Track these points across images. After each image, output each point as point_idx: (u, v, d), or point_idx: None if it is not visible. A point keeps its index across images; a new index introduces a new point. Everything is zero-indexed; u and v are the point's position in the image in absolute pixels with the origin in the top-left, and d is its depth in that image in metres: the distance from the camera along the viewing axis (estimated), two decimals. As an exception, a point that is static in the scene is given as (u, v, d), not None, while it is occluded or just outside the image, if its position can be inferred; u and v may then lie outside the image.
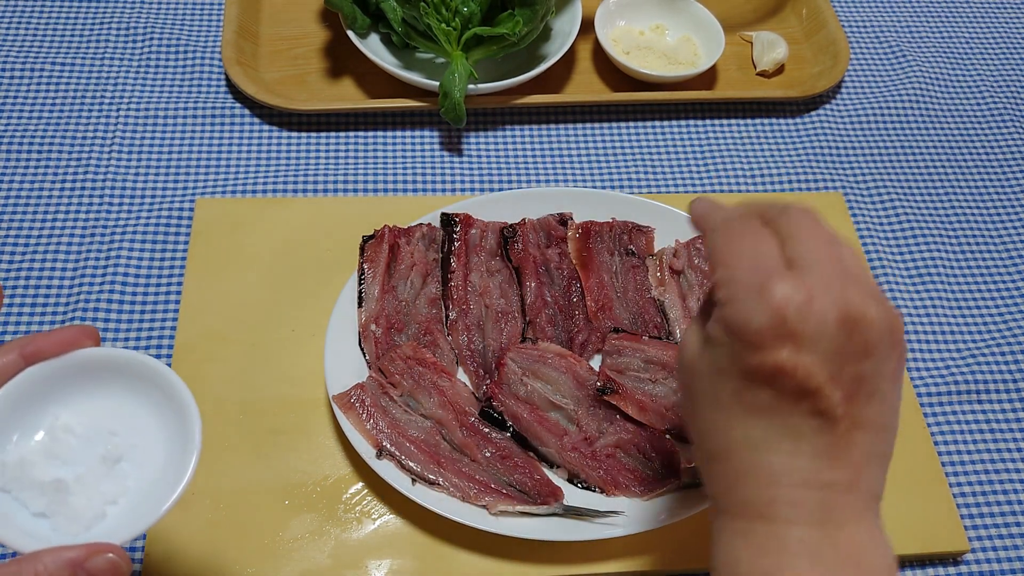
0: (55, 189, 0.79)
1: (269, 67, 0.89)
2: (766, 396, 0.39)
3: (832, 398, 0.39)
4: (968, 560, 0.67)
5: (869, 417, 0.41)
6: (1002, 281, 0.82)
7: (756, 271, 0.40)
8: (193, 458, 0.44)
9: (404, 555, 0.63)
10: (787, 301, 0.38)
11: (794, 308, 0.38)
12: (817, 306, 0.39)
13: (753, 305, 0.39)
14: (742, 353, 0.40)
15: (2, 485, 0.43)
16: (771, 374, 0.39)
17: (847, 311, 0.39)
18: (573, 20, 0.90)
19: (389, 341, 0.69)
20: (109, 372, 0.46)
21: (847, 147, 0.89)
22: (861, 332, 0.39)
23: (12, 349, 0.44)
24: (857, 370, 0.39)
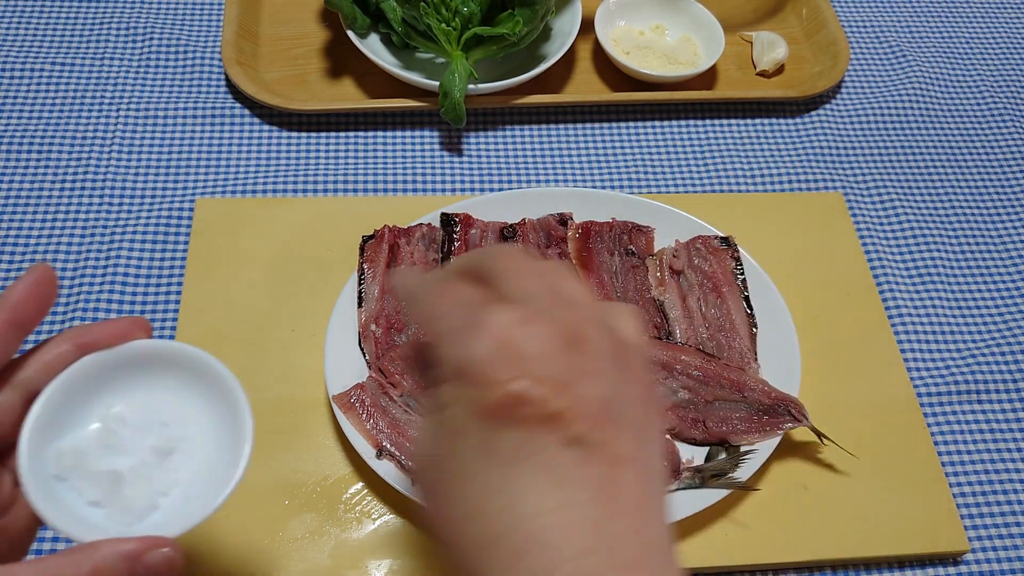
0: (55, 189, 0.79)
1: (269, 67, 0.89)
2: (514, 437, 0.34)
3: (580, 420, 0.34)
4: (968, 560, 0.67)
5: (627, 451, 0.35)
6: (1002, 281, 0.82)
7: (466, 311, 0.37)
8: (246, 452, 0.43)
9: (404, 555, 0.63)
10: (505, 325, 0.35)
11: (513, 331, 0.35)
12: (536, 327, 0.35)
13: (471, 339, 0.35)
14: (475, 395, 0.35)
15: (59, 473, 0.42)
16: (511, 405, 0.34)
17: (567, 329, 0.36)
18: (573, 20, 0.90)
19: (389, 341, 0.69)
20: (161, 364, 0.45)
21: (847, 147, 0.89)
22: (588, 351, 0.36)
23: (67, 339, 0.43)
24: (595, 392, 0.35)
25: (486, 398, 0.35)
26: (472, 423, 0.35)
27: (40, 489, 0.40)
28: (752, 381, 0.68)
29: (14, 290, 0.40)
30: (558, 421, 0.34)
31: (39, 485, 0.40)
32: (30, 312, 0.41)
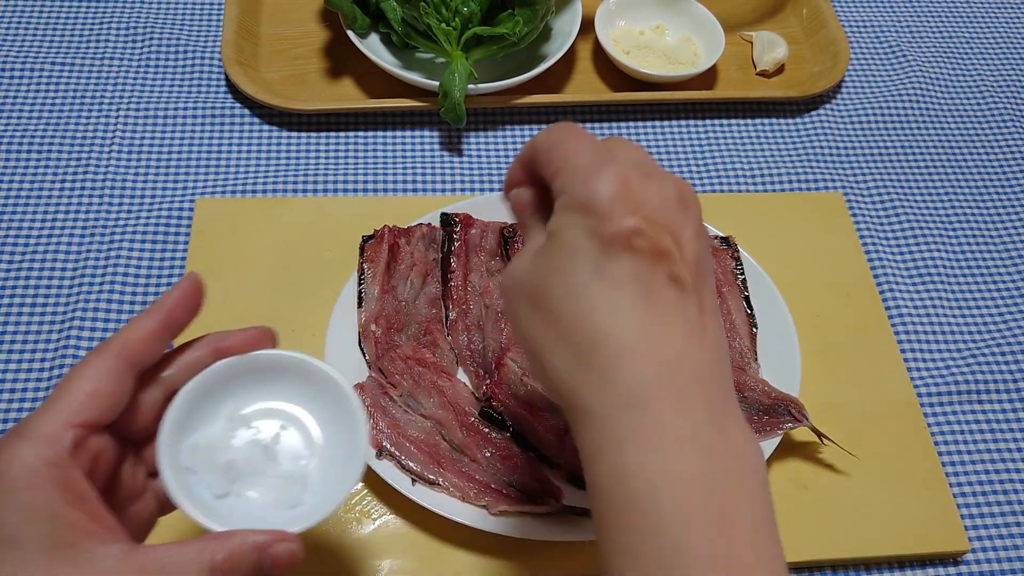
0: (55, 189, 0.79)
1: (269, 67, 0.89)
2: (625, 263, 0.39)
3: (682, 263, 0.40)
4: (968, 560, 0.67)
5: (711, 304, 0.41)
6: (1002, 281, 0.82)
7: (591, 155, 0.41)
8: (359, 465, 0.46)
9: (404, 555, 0.63)
10: (629, 174, 0.40)
11: (636, 180, 0.40)
12: (655, 182, 0.41)
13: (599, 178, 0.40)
14: (597, 225, 0.39)
15: (191, 466, 0.45)
16: (629, 235, 0.39)
17: (680, 189, 0.41)
18: (573, 20, 0.90)
19: (389, 341, 0.69)
20: (284, 372, 0.48)
21: (847, 147, 0.89)
22: (693, 211, 0.42)
23: (208, 344, 0.46)
24: (695, 247, 0.41)
25: (607, 227, 0.39)
26: (590, 246, 0.39)
27: (176, 480, 0.43)
28: (752, 381, 0.68)
29: (169, 296, 0.44)
30: (667, 258, 0.39)
31: (175, 477, 0.43)
32: (180, 317, 0.44)
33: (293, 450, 0.48)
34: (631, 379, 0.38)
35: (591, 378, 0.39)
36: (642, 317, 0.39)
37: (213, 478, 0.45)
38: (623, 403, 0.38)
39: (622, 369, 0.38)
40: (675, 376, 0.38)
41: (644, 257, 0.39)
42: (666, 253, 0.39)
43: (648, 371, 0.38)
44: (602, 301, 0.39)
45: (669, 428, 0.38)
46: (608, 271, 0.39)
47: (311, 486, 0.47)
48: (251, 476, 0.46)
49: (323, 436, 0.48)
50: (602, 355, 0.39)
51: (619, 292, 0.39)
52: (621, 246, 0.39)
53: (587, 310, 0.39)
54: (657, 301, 0.39)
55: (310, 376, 0.48)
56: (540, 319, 0.41)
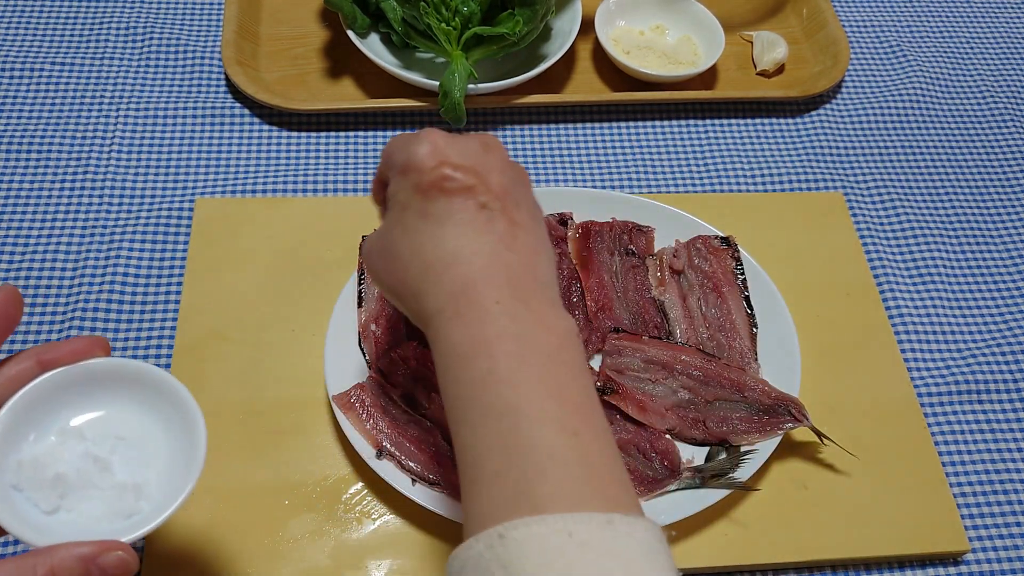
0: (55, 189, 0.79)
1: (269, 67, 0.89)
2: (442, 204, 0.49)
3: (487, 191, 0.50)
4: (968, 560, 0.67)
5: (524, 220, 0.51)
6: (1002, 281, 0.82)
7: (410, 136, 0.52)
8: (196, 471, 0.46)
9: (404, 555, 0.63)
10: (436, 135, 0.51)
11: (443, 140, 0.51)
12: (458, 138, 0.52)
13: (413, 146, 0.51)
14: (415, 179, 0.50)
15: (16, 483, 0.44)
16: (439, 181, 0.49)
17: (483, 138, 0.53)
18: (573, 20, 0.90)
19: (389, 341, 0.69)
20: (119, 381, 0.48)
21: (847, 147, 0.89)
22: (495, 153, 0.52)
23: (30, 356, 0.46)
24: (500, 179, 0.51)
25: (423, 179, 0.50)
26: (413, 199, 0.50)
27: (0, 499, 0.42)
28: (752, 381, 0.68)
29: None
30: (472, 192, 0.50)
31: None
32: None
33: (130, 459, 0.47)
34: (456, 278, 0.48)
35: (428, 289, 0.49)
36: (459, 238, 0.49)
37: (41, 494, 0.44)
38: (450, 295, 0.48)
39: (448, 274, 0.48)
40: (486, 271, 0.48)
41: (455, 194, 0.49)
42: (471, 188, 0.50)
43: (467, 271, 0.48)
44: (429, 233, 0.50)
45: (481, 306, 0.47)
46: (430, 212, 0.50)
47: (149, 494, 0.46)
48: (83, 489, 0.45)
49: (163, 443, 0.48)
50: (434, 271, 0.49)
51: (440, 224, 0.49)
52: (436, 191, 0.50)
53: (420, 243, 0.50)
54: (470, 225, 0.49)
55: (148, 383, 0.48)
56: (390, 262, 0.52)
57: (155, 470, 0.47)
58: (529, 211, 0.52)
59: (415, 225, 0.50)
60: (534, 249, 0.50)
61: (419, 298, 0.50)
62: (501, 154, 0.52)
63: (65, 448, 0.46)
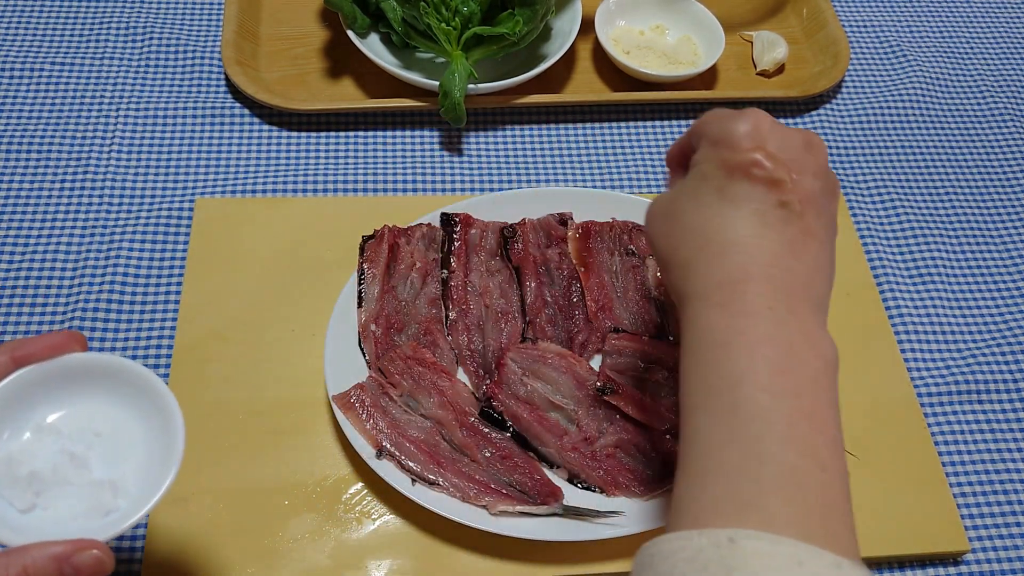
0: (55, 189, 0.79)
1: (269, 67, 0.89)
2: (742, 187, 0.48)
3: (793, 190, 0.48)
4: (968, 560, 0.67)
5: (819, 231, 0.49)
6: (1002, 281, 0.82)
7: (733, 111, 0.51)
8: (174, 466, 0.45)
9: (404, 555, 0.63)
10: (761, 118, 0.50)
11: (767, 124, 0.49)
12: (784, 128, 0.50)
13: (735, 121, 0.50)
14: (725, 155, 0.49)
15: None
16: (748, 165, 0.48)
17: (808, 136, 0.51)
18: (573, 20, 0.90)
19: (389, 341, 0.69)
20: (95, 376, 0.47)
21: (847, 147, 0.89)
22: (816, 153, 0.50)
23: (3, 352, 0.45)
24: (812, 183, 0.49)
25: (732, 157, 0.48)
26: (717, 173, 0.49)
27: None
28: (752, 381, 0.68)
29: None
30: (779, 186, 0.48)
31: None
32: None
33: (107, 455, 0.46)
34: (731, 265, 0.47)
35: (700, 267, 0.48)
36: (749, 226, 0.47)
37: (14, 492, 0.44)
38: (721, 281, 0.47)
39: (725, 257, 0.47)
40: (766, 271, 0.46)
41: (759, 184, 0.48)
42: (778, 183, 0.47)
43: (745, 262, 0.47)
44: (719, 212, 0.48)
45: (752, 303, 0.45)
46: (728, 192, 0.48)
47: (126, 491, 0.46)
48: (59, 486, 0.45)
49: (141, 438, 0.47)
50: (713, 247, 0.48)
51: (734, 207, 0.48)
52: (742, 174, 0.48)
53: (707, 218, 0.49)
54: (764, 219, 0.47)
55: (125, 378, 0.47)
56: (671, 227, 0.51)
57: (133, 466, 0.46)
58: (828, 224, 0.50)
59: (709, 200, 0.49)
60: (819, 265, 0.48)
61: (687, 272, 0.48)
62: (821, 157, 0.50)
63: (40, 445, 0.46)
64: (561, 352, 0.69)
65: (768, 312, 0.45)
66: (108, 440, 0.47)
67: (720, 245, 0.47)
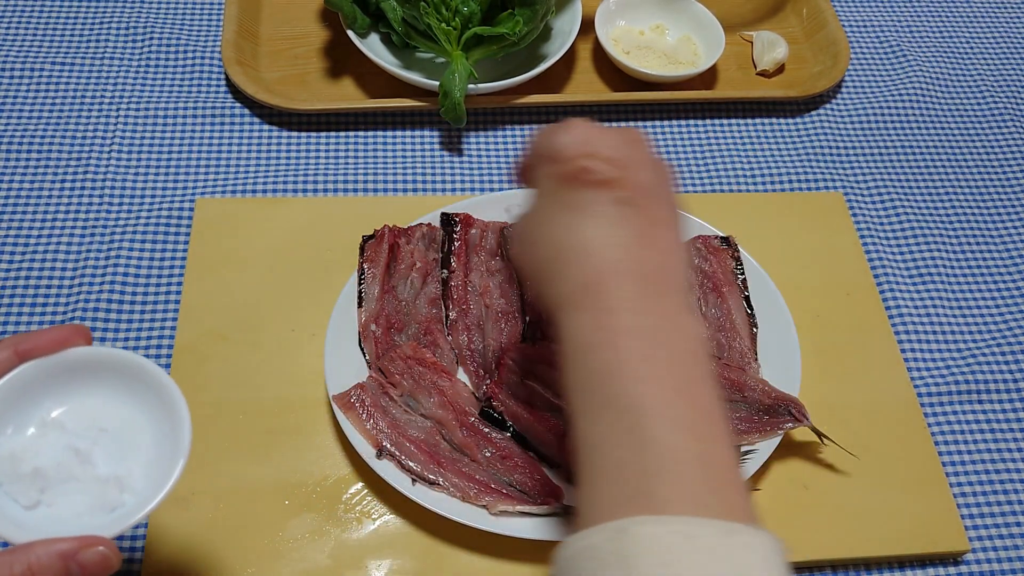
0: (55, 189, 0.79)
1: (269, 67, 0.89)
2: (581, 195, 0.50)
3: (627, 187, 0.49)
4: (968, 560, 0.67)
5: (664, 216, 0.51)
6: (1002, 281, 0.82)
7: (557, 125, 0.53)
8: (180, 461, 0.45)
9: (404, 555, 0.63)
10: (583, 126, 0.52)
11: (587, 129, 0.51)
12: (607, 131, 0.52)
13: (559, 134, 0.52)
14: (558, 169, 0.51)
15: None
16: (579, 172, 0.50)
17: (628, 133, 0.53)
18: (573, 20, 0.90)
19: (389, 341, 0.69)
20: (100, 370, 0.47)
21: (847, 147, 0.89)
22: (640, 149, 0.52)
23: (7, 346, 0.45)
24: (643, 175, 0.50)
25: (564, 169, 0.51)
26: (556, 188, 0.51)
27: None
28: (752, 381, 0.68)
29: None
30: (611, 185, 0.49)
31: None
32: None
33: (113, 450, 0.46)
34: (586, 268, 0.48)
35: (558, 276, 0.50)
36: (595, 228, 0.49)
37: (19, 488, 0.44)
38: (579, 286, 0.48)
39: (579, 262, 0.49)
40: (619, 266, 0.48)
41: (595, 186, 0.50)
42: (612, 181, 0.49)
43: (598, 263, 0.48)
44: (566, 222, 0.50)
45: (610, 300, 0.47)
46: (569, 202, 0.50)
47: (132, 487, 0.45)
48: (64, 482, 0.44)
49: (147, 433, 0.47)
50: (567, 255, 0.49)
51: (578, 214, 0.50)
52: (576, 182, 0.50)
53: (555, 231, 0.51)
54: (607, 218, 0.49)
55: (130, 372, 0.46)
56: (529, 248, 0.53)
57: (139, 461, 0.46)
58: (670, 209, 0.52)
59: (554, 213, 0.51)
60: (670, 248, 0.50)
61: (549, 284, 0.50)
62: (646, 149, 0.52)
63: (44, 441, 0.45)
64: (561, 352, 0.69)
65: (627, 305, 0.47)
66: (114, 435, 0.46)
67: (573, 252, 0.49)
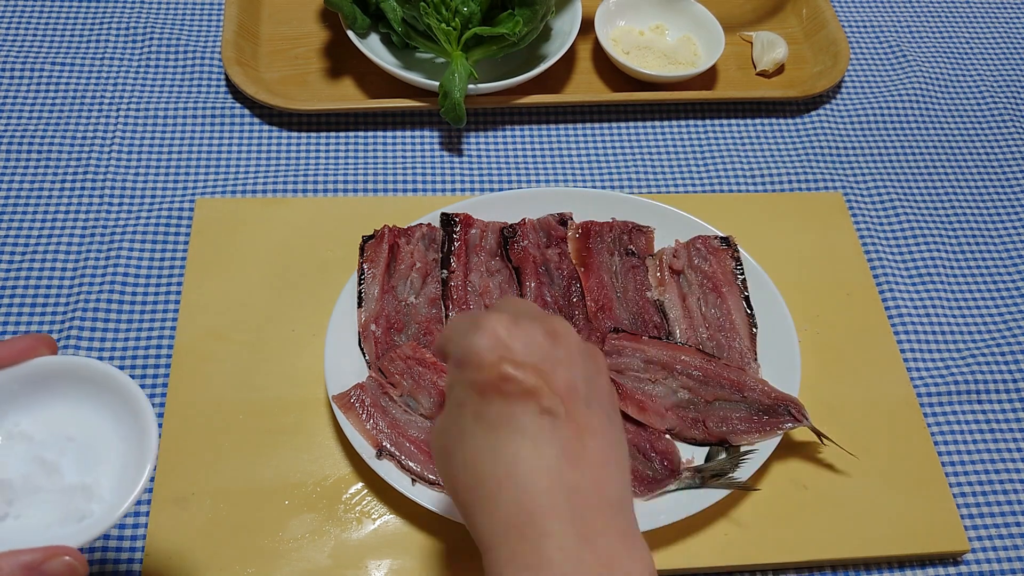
0: (55, 189, 0.79)
1: (269, 67, 0.89)
2: (499, 407, 0.44)
3: (551, 395, 0.44)
4: (968, 560, 0.67)
5: (594, 425, 0.45)
6: (1002, 281, 0.82)
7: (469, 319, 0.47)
8: (147, 468, 0.45)
9: (404, 555, 0.63)
10: (497, 323, 0.45)
11: (503, 328, 0.45)
12: (523, 325, 0.46)
13: (472, 336, 0.45)
14: (472, 376, 0.44)
15: None
16: (497, 382, 0.44)
17: (549, 327, 0.46)
18: (573, 20, 0.90)
19: (389, 341, 0.69)
20: (66, 379, 0.47)
21: (847, 147, 0.89)
22: (564, 344, 0.46)
23: None
24: (568, 376, 0.45)
25: (479, 377, 0.44)
26: (470, 397, 0.45)
27: None
28: (752, 381, 0.68)
29: None
30: (534, 395, 0.44)
31: None
32: None
33: (80, 460, 0.46)
34: (509, 505, 0.43)
35: (482, 510, 0.44)
36: (515, 451, 0.43)
37: None
38: (504, 527, 0.43)
39: (501, 497, 0.43)
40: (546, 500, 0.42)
41: (514, 398, 0.44)
42: (533, 391, 0.44)
43: (521, 498, 0.42)
44: (483, 443, 0.44)
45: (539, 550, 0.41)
46: (486, 416, 0.44)
47: (100, 495, 0.45)
48: (31, 494, 0.44)
49: (114, 441, 0.46)
50: (487, 487, 0.44)
51: (495, 433, 0.44)
52: (493, 392, 0.44)
53: (472, 453, 0.45)
54: (529, 435, 0.43)
55: (96, 380, 0.46)
56: (446, 467, 0.47)
57: (107, 469, 0.46)
58: (601, 409, 0.46)
59: (471, 428, 0.45)
60: (604, 459, 0.45)
61: (471, 519, 0.45)
62: (570, 343, 0.46)
63: (11, 452, 0.45)
64: (561, 352, 0.69)
65: (559, 555, 0.41)
66: (81, 444, 0.46)
67: (493, 483, 0.43)
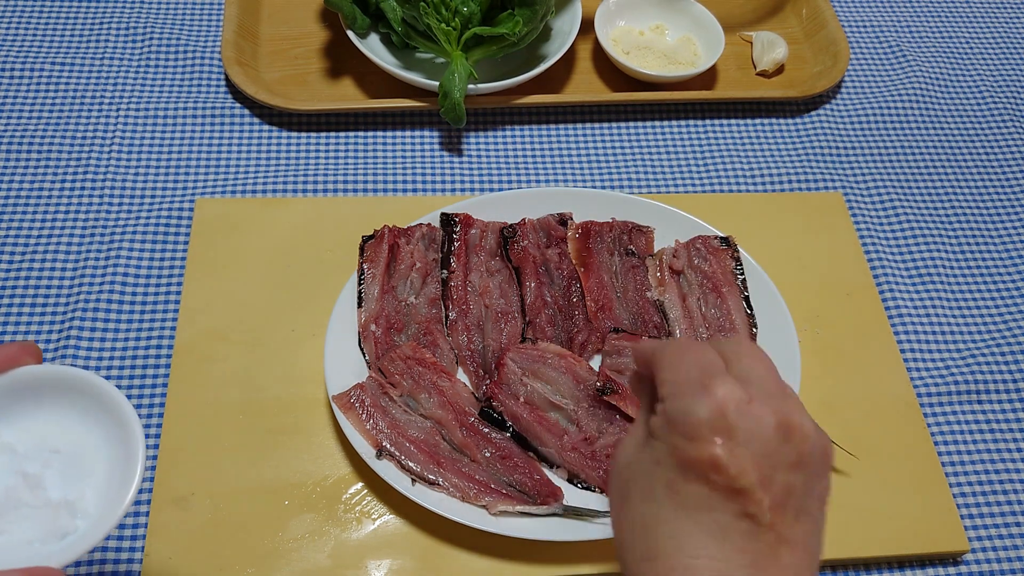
0: (55, 189, 0.79)
1: (269, 67, 0.89)
2: (698, 490, 0.39)
3: (761, 502, 0.39)
4: (968, 560, 0.67)
5: (796, 536, 0.40)
6: (1002, 281, 0.82)
7: (701, 372, 0.41)
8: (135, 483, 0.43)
9: (404, 555, 0.63)
10: (728, 397, 0.40)
11: (734, 405, 0.39)
12: (756, 408, 0.40)
13: (696, 399, 0.40)
14: (680, 444, 0.40)
15: None
16: (705, 466, 0.39)
17: (785, 418, 0.40)
18: (573, 20, 0.90)
19: (389, 341, 0.69)
20: (51, 389, 0.45)
21: (847, 147, 0.89)
22: (796, 442, 0.40)
23: None
24: (788, 480, 0.39)
25: (688, 451, 0.39)
26: (671, 461, 0.40)
27: None
28: (752, 381, 0.68)
29: None
30: (741, 497, 0.38)
31: None
32: None
33: (64, 473, 0.44)
34: None
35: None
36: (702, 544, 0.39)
37: None
38: None
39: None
40: None
41: (716, 491, 0.39)
42: (741, 492, 0.39)
43: None
44: (670, 516, 0.40)
45: None
46: (681, 493, 0.40)
47: (85, 510, 0.44)
48: (14, 509, 0.43)
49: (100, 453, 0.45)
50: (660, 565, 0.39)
51: (685, 515, 0.39)
52: (696, 475, 0.39)
53: (652, 521, 0.40)
54: (721, 535, 0.39)
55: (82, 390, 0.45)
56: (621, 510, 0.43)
57: (92, 483, 0.44)
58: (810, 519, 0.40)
59: (659, 494, 0.40)
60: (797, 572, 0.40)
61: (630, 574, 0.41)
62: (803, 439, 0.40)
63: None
64: (561, 352, 0.69)
65: None
66: (66, 457, 0.45)
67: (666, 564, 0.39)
